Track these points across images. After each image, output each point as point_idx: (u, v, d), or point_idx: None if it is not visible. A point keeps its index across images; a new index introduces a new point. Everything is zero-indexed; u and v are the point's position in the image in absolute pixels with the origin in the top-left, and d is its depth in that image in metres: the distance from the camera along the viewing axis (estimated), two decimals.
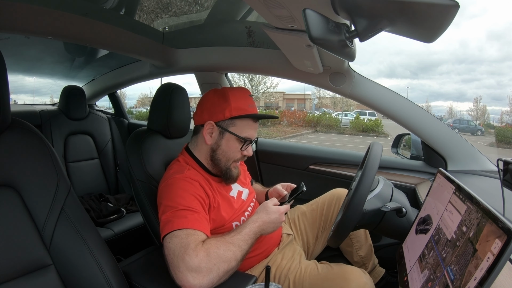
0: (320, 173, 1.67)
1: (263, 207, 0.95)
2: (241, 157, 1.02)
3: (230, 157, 1.00)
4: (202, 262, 0.75)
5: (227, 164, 1.00)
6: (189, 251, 0.76)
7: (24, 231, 0.73)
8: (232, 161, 1.01)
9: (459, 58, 70.13)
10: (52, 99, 3.29)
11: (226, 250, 0.80)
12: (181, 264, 0.75)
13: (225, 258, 0.79)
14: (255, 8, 0.78)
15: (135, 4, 1.34)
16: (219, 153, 1.00)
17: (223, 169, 1.00)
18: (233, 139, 0.98)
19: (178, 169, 0.98)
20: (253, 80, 15.54)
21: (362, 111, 18.17)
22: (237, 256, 0.82)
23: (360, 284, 0.89)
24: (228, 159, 1.00)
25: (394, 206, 0.92)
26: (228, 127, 0.98)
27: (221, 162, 1.00)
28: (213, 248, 0.79)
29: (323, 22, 0.53)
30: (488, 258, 0.44)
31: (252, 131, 1.01)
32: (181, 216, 0.83)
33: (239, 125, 0.98)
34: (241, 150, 1.00)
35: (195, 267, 0.74)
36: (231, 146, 0.99)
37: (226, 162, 1.00)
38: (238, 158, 1.01)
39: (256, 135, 1.05)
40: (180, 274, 0.75)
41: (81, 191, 1.99)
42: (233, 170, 1.02)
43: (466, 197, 0.60)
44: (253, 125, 1.01)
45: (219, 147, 0.99)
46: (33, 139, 0.80)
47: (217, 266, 0.77)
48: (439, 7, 0.49)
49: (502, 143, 13.10)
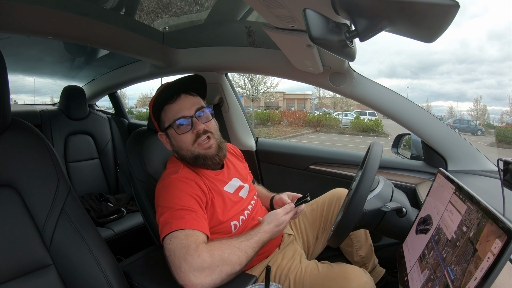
0: (320, 173, 1.67)
1: (274, 218, 0.95)
2: (195, 136, 0.98)
3: (185, 146, 0.99)
4: (204, 263, 0.75)
5: (191, 152, 0.99)
6: (191, 251, 0.76)
7: (24, 231, 0.74)
8: (192, 146, 0.98)
9: (460, 58, 70.18)
10: (52, 99, 3.29)
11: (231, 254, 0.80)
12: (183, 264, 0.75)
13: (229, 261, 0.79)
14: (255, 8, 0.78)
15: (135, 4, 1.34)
16: (177, 150, 1.01)
17: (193, 158, 0.99)
18: (171, 131, 1.00)
19: (173, 169, 0.99)
20: (253, 80, 15.51)
21: (362, 111, 18.15)
22: (242, 261, 0.82)
23: (360, 284, 0.89)
24: (186, 148, 0.99)
25: (394, 206, 0.92)
26: (165, 126, 1.01)
27: (186, 155, 1.00)
28: (217, 250, 0.79)
29: (323, 22, 0.53)
30: (488, 258, 0.44)
31: (178, 111, 0.98)
32: (178, 217, 0.83)
33: (165, 117, 1.01)
34: (182, 133, 0.98)
35: (198, 266, 0.75)
36: (176, 137, 1.00)
37: (188, 152, 0.99)
38: (193, 140, 0.98)
39: (190, 108, 0.99)
40: (182, 274, 0.75)
41: (81, 191, 1.99)
42: (203, 152, 0.99)
43: (466, 197, 0.60)
44: (173, 106, 0.99)
45: (174, 146, 1.02)
46: (33, 139, 0.80)
47: (220, 268, 0.77)
48: (439, 7, 0.49)
49: (502, 143, 13.08)
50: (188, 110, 0.98)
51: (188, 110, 0.99)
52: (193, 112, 0.99)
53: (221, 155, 1.02)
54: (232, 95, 1.85)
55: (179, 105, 0.99)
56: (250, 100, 16.37)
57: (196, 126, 0.98)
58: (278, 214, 0.96)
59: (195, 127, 0.98)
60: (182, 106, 0.99)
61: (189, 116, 0.98)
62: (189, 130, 0.98)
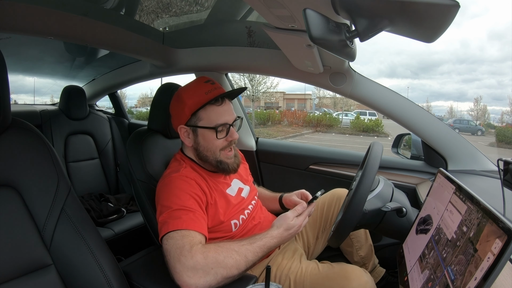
0: (321, 173, 1.67)
1: (284, 222, 0.91)
2: (227, 144, 0.99)
3: (213, 149, 0.98)
4: (197, 264, 0.75)
5: (215, 157, 0.99)
6: (184, 252, 0.76)
7: (25, 231, 0.74)
8: (219, 151, 0.98)
9: (460, 58, 70.19)
10: (52, 99, 3.29)
11: (227, 257, 0.79)
12: (177, 264, 0.76)
13: (224, 264, 0.78)
14: (256, 8, 0.78)
15: (135, 4, 1.34)
16: (202, 150, 0.99)
17: (214, 163, 0.99)
18: (207, 132, 0.97)
19: (175, 168, 0.98)
20: (253, 80, 15.52)
21: (362, 111, 18.17)
22: (240, 266, 0.80)
23: (361, 283, 0.89)
24: (213, 152, 0.98)
25: (394, 206, 0.92)
26: (197, 123, 0.98)
27: (208, 157, 0.99)
28: (212, 252, 0.78)
29: (323, 22, 0.53)
30: (489, 258, 0.44)
31: (222, 115, 0.97)
32: (176, 217, 0.83)
33: (205, 116, 0.97)
34: (220, 138, 0.97)
35: (191, 267, 0.75)
36: (208, 139, 0.98)
37: (213, 155, 0.98)
38: (223, 147, 0.99)
39: (231, 115, 0.99)
40: (177, 275, 0.76)
41: (81, 191, 1.99)
42: (226, 160, 0.99)
43: (466, 197, 0.60)
44: (220, 109, 0.97)
45: (199, 144, 0.99)
46: (34, 139, 0.80)
47: (215, 271, 0.76)
48: (439, 7, 0.49)
49: (503, 143, 13.09)
50: (230, 117, 0.98)
51: (230, 116, 0.98)
52: (233, 120, 0.99)
53: (237, 163, 1.04)
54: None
55: (224, 109, 0.98)
56: (250, 100, 16.38)
57: (232, 135, 0.99)
58: (288, 218, 0.91)
59: (230, 135, 0.98)
60: (227, 111, 0.98)
61: (230, 123, 0.98)
62: (224, 137, 0.98)
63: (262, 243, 0.86)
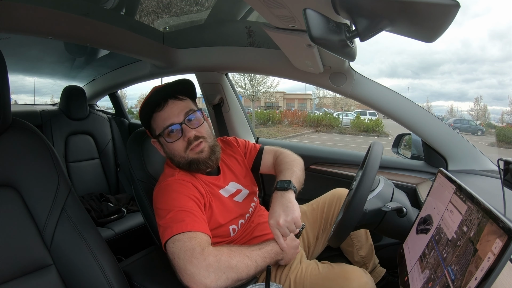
0: (321, 173, 1.67)
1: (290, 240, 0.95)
2: (187, 143, 0.96)
3: (178, 153, 0.97)
4: (210, 267, 0.75)
5: (183, 157, 0.97)
6: (196, 254, 0.76)
7: (25, 231, 0.74)
8: (183, 153, 0.96)
9: (461, 57, 70.22)
10: (52, 99, 3.30)
11: (239, 262, 0.79)
12: (189, 266, 0.75)
13: (236, 269, 0.78)
14: (256, 8, 0.78)
15: (135, 4, 1.34)
16: (171, 157, 0.99)
17: (187, 163, 0.97)
18: (162, 139, 0.98)
19: (170, 173, 0.98)
20: (253, 80, 15.53)
21: (362, 111, 18.16)
22: (250, 270, 0.81)
23: (361, 284, 0.89)
24: (179, 156, 0.97)
25: (394, 206, 0.92)
26: (156, 133, 0.99)
27: (180, 162, 0.98)
28: (225, 256, 0.78)
29: (323, 22, 0.53)
30: (489, 258, 0.44)
31: (166, 118, 0.95)
32: (178, 220, 0.82)
33: (155, 125, 0.98)
34: (173, 141, 0.95)
35: (204, 270, 0.74)
36: (168, 146, 0.97)
37: (182, 159, 0.97)
38: (185, 147, 0.96)
39: (178, 114, 0.95)
40: (187, 276, 0.74)
41: (81, 191, 1.99)
42: (196, 156, 0.96)
43: (466, 197, 0.60)
44: (162, 114, 0.95)
45: (167, 153, 1.00)
46: (34, 139, 0.80)
47: (226, 275, 0.76)
48: (439, 7, 0.49)
49: (503, 143, 13.08)
50: (177, 117, 0.95)
51: (177, 116, 0.95)
52: (182, 118, 0.95)
53: (213, 158, 0.99)
54: (232, 95, 1.85)
55: (166, 112, 0.95)
56: (251, 100, 16.39)
57: (186, 133, 0.95)
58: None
59: (185, 134, 0.95)
60: (170, 113, 0.95)
61: (178, 123, 0.95)
62: (180, 138, 0.95)
63: (269, 247, 0.88)
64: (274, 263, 0.92)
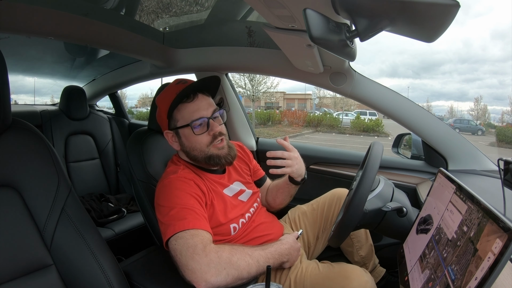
0: (321, 173, 1.67)
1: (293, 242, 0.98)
2: (212, 138, 0.97)
3: (199, 147, 0.97)
4: (211, 263, 0.76)
5: (204, 153, 0.97)
6: (198, 251, 0.77)
7: (25, 231, 0.74)
8: (207, 147, 0.97)
9: (462, 57, 70.20)
10: (52, 99, 3.30)
11: (240, 259, 0.81)
12: (190, 262, 0.77)
13: (237, 266, 0.79)
14: (256, 8, 0.78)
15: (135, 4, 1.34)
16: (189, 150, 0.98)
17: (206, 158, 0.97)
18: (185, 131, 0.97)
19: (173, 170, 0.98)
20: (253, 80, 15.52)
21: (362, 111, 18.15)
22: (251, 269, 0.81)
23: (361, 283, 0.89)
24: (200, 149, 0.97)
25: (394, 206, 0.92)
26: (176, 125, 0.98)
27: (197, 156, 0.98)
28: (226, 252, 0.80)
29: (323, 22, 0.53)
30: (489, 258, 0.44)
31: (195, 110, 0.95)
32: (181, 218, 0.83)
33: (180, 116, 0.97)
34: (199, 134, 0.95)
35: (205, 265, 0.76)
36: (190, 138, 0.97)
37: (201, 153, 0.97)
38: (209, 142, 0.97)
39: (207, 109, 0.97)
40: (189, 272, 0.76)
41: (81, 191, 1.99)
42: (217, 152, 0.97)
43: (467, 197, 0.60)
44: (192, 105, 0.95)
45: (184, 146, 0.99)
46: (34, 140, 0.80)
47: (227, 271, 0.77)
48: (439, 7, 0.49)
49: (503, 143, 13.08)
50: (206, 111, 0.96)
51: (206, 110, 0.96)
52: (211, 113, 0.97)
53: (232, 154, 1.01)
54: (232, 95, 1.85)
55: (197, 105, 0.96)
56: (251, 100, 16.38)
57: (213, 128, 0.96)
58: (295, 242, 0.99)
59: (212, 128, 0.96)
60: (200, 106, 0.96)
61: (206, 117, 0.96)
62: (205, 131, 0.96)
63: (273, 249, 0.89)
64: (278, 266, 0.93)
